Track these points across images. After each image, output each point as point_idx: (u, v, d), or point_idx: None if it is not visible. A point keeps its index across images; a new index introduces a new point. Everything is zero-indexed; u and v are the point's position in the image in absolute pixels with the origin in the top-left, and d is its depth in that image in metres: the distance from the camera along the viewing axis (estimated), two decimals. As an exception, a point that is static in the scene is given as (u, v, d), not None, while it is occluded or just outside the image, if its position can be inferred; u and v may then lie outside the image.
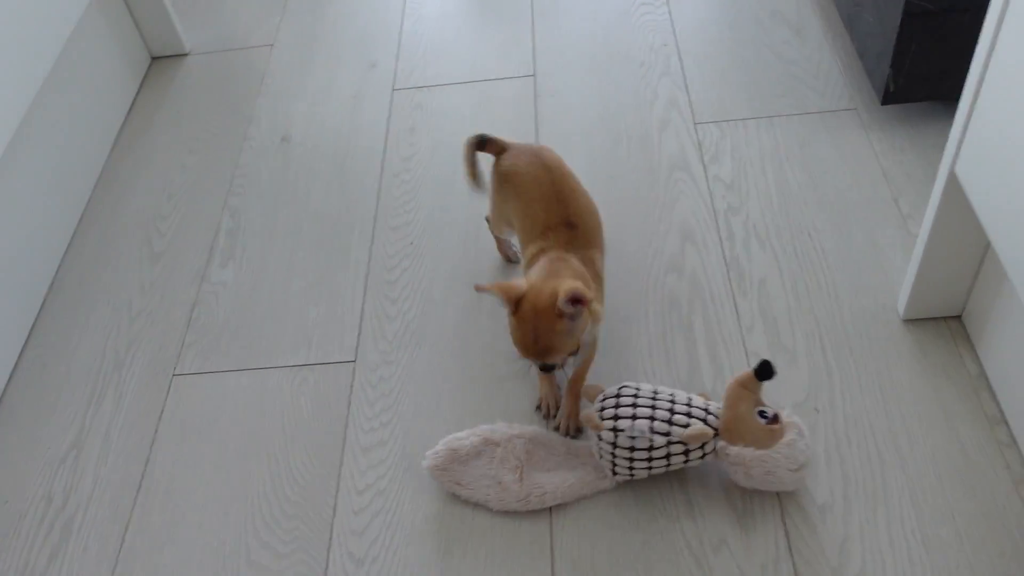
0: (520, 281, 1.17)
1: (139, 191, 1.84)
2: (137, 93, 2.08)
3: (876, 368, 1.36)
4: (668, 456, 1.20)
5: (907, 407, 1.31)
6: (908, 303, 1.40)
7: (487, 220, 1.53)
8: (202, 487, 1.34)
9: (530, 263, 1.25)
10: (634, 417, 1.19)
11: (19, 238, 1.59)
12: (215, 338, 1.54)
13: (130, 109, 2.04)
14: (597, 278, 1.26)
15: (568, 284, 1.12)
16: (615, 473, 1.23)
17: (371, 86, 2.01)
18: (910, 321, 1.41)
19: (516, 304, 1.15)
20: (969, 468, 1.23)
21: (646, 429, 1.18)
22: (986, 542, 1.16)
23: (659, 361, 1.40)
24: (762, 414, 1.20)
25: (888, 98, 1.65)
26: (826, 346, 1.39)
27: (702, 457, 1.21)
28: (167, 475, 1.36)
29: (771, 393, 1.29)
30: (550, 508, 1.25)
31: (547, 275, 1.17)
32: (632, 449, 1.19)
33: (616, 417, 1.20)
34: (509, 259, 1.57)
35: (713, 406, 1.23)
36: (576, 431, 1.32)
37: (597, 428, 1.22)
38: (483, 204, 1.70)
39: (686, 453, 1.20)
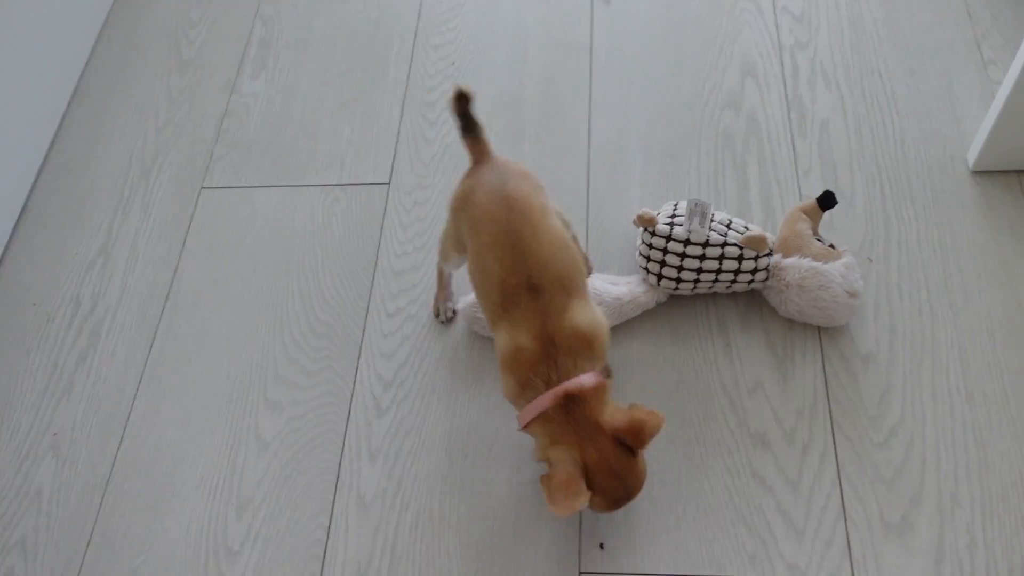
0: (570, 470, 0.93)
1: (166, -6, 1.73)
2: None
3: (937, 221, 1.28)
4: (720, 263, 1.15)
5: (966, 262, 1.24)
6: (980, 153, 1.30)
7: (439, 263, 1.22)
8: (230, 300, 1.32)
9: (510, 369, 0.98)
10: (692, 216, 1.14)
11: (41, 39, 1.52)
12: (245, 152, 1.48)
13: (157, -94, 1.90)
14: (591, 341, 0.99)
15: (634, 422, 0.94)
16: (660, 280, 1.19)
17: None
18: (979, 173, 1.32)
19: (588, 479, 0.94)
20: (1026, 328, 1.18)
21: (707, 220, 1.14)
22: (1034, 402, 1.12)
23: (710, 200, 1.33)
24: (819, 240, 1.15)
25: (986, -73, 1.49)
26: (886, 195, 1.31)
27: (751, 279, 1.16)
28: (195, 287, 1.34)
29: (825, 237, 1.22)
30: (584, 342, 1.22)
31: (580, 438, 0.94)
32: (686, 244, 1.14)
33: (674, 216, 1.16)
34: (439, 317, 1.27)
35: (769, 234, 1.18)
36: None
37: (651, 223, 1.16)
38: (533, 16, 1.59)
39: (739, 264, 1.15)
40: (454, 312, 1.26)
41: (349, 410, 1.21)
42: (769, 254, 1.16)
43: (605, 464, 0.94)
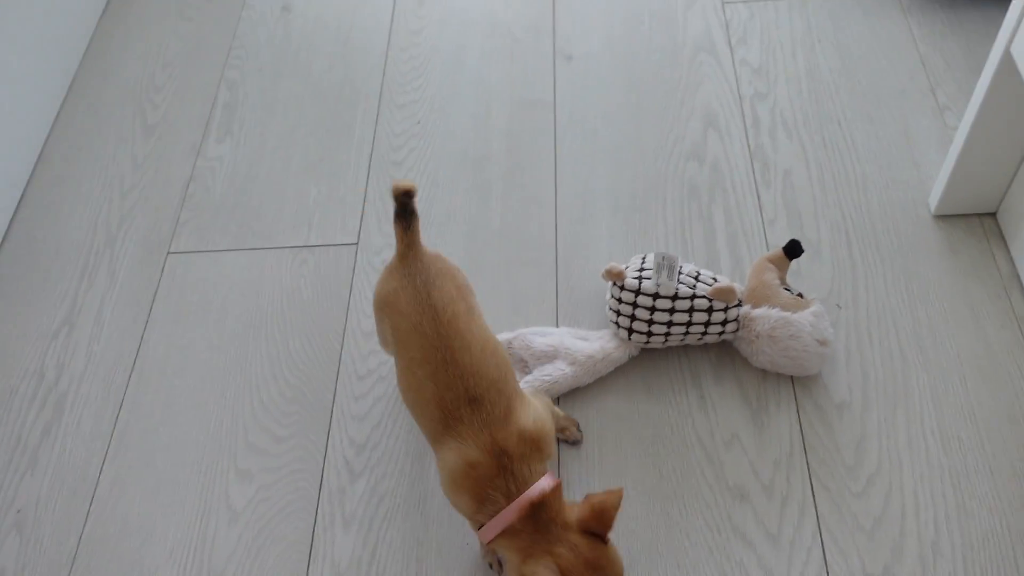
0: (543, 571, 0.89)
1: (131, 59, 1.73)
2: (128, -44, 1.95)
3: (903, 265, 1.30)
4: (690, 316, 1.15)
5: (933, 306, 1.25)
6: (941, 198, 1.32)
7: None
8: (198, 367, 1.30)
9: (464, 489, 0.94)
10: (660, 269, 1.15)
11: (4, 106, 1.51)
12: (211, 216, 1.47)
13: (120, -27, 1.91)
14: (539, 441, 0.95)
15: (595, 510, 0.90)
16: (631, 334, 1.18)
17: (377, -46, 1.88)
18: (941, 217, 1.34)
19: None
20: (995, 369, 1.18)
21: (675, 273, 1.14)
22: (1008, 444, 1.12)
23: (677, 252, 1.34)
24: (787, 290, 1.16)
25: (934, -22, 1.54)
26: (852, 240, 1.33)
27: (721, 331, 1.17)
28: (162, 354, 1.32)
29: (795, 286, 1.23)
30: (558, 399, 1.21)
31: (552, 546, 0.90)
32: (655, 298, 1.15)
33: (642, 270, 1.17)
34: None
35: (737, 285, 1.19)
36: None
37: (619, 277, 1.16)
38: (497, 74, 1.61)
39: (708, 316, 1.15)
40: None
41: (322, 476, 1.19)
42: (738, 305, 1.17)
43: (582, 562, 0.89)
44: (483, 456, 0.92)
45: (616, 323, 1.19)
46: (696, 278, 1.17)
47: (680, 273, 1.17)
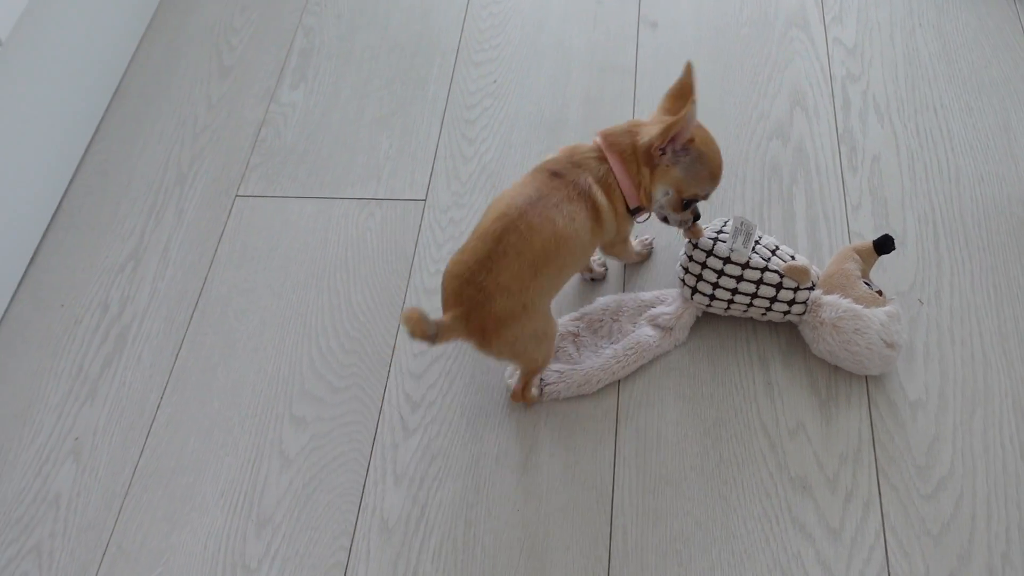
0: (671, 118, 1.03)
1: (211, 2, 1.72)
2: None
3: (992, 263, 1.24)
4: (757, 288, 1.12)
5: (1021, 309, 1.19)
6: (1039, 196, 1.25)
7: None
8: (259, 312, 1.30)
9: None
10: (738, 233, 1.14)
11: (83, 39, 1.51)
12: (281, 162, 1.47)
13: (205, -87, 1.90)
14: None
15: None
16: (694, 293, 1.15)
17: (463, -92, 1.84)
18: (1037, 217, 1.27)
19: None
20: (1085, 380, 1.12)
21: (751, 242, 1.12)
22: (1092, 460, 1.07)
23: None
24: (867, 285, 1.11)
25: (1050, -36, 1.45)
26: (939, 234, 1.27)
27: (787, 311, 1.13)
28: (224, 296, 1.32)
29: (875, 278, 1.18)
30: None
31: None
32: (725, 262, 1.12)
33: (720, 232, 1.14)
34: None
35: (814, 267, 1.15)
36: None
37: (696, 234, 1.15)
38: (578, 37, 1.56)
39: (776, 292, 1.12)
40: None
41: (376, 430, 1.18)
42: (811, 288, 1.12)
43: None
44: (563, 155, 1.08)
45: (683, 280, 1.17)
46: (774, 252, 1.13)
47: (757, 243, 1.13)
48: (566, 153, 1.07)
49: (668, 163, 1.03)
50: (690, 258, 1.15)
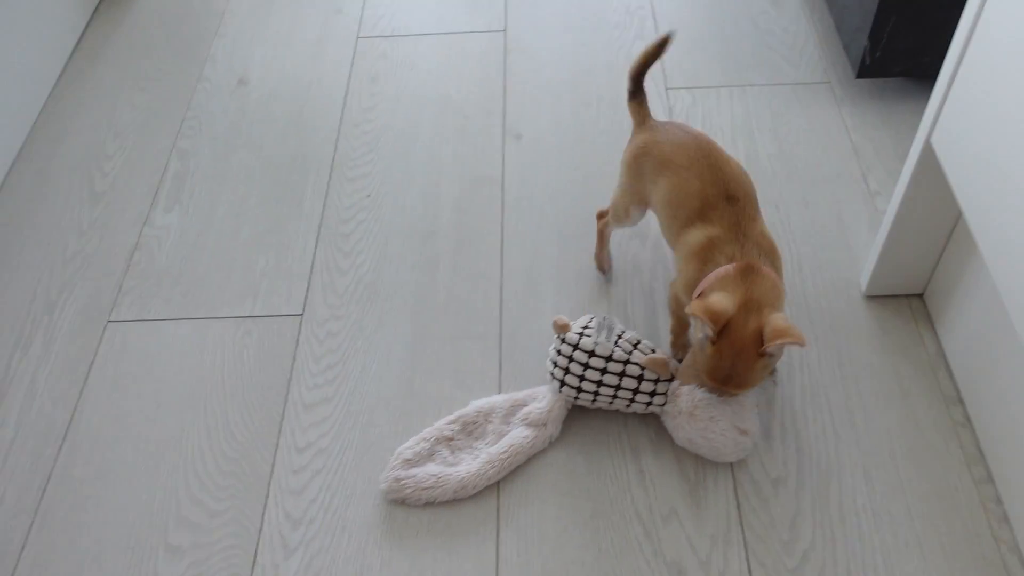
0: (724, 301, 1.02)
1: (83, 128, 1.74)
2: (86, 27, 1.98)
3: (836, 343, 1.33)
4: (620, 380, 1.18)
5: (864, 383, 1.28)
6: (871, 279, 1.37)
7: (599, 214, 1.38)
8: (132, 440, 1.28)
9: (696, 256, 1.10)
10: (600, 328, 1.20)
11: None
12: (155, 285, 1.47)
13: (77, 43, 1.94)
14: (773, 252, 1.12)
15: (778, 324, 1.01)
16: (562, 386, 1.21)
17: (335, 32, 1.93)
18: (872, 298, 1.39)
19: (720, 331, 1.02)
20: (923, 446, 1.21)
21: (613, 335, 1.19)
22: (935, 520, 1.14)
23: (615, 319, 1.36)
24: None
25: (863, 72, 1.62)
26: (789, 318, 1.36)
27: (649, 402, 1.19)
28: (95, 426, 1.29)
29: (730, 364, 1.26)
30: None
31: (745, 297, 1.03)
32: (590, 355, 1.18)
33: (586, 327, 1.20)
34: (603, 269, 1.42)
35: (673, 360, 1.22)
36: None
37: (564, 329, 1.20)
38: (447, 151, 1.64)
39: (638, 383, 1.18)
40: (610, 264, 1.42)
41: (256, 551, 1.16)
42: (669, 380, 1.19)
43: (736, 336, 1.01)
44: (726, 233, 1.09)
45: (552, 373, 1.22)
46: (635, 346, 1.20)
47: (619, 338, 1.19)
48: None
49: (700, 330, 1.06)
50: (558, 352, 1.21)
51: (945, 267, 1.30)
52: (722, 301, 1.02)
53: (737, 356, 1.03)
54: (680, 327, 1.28)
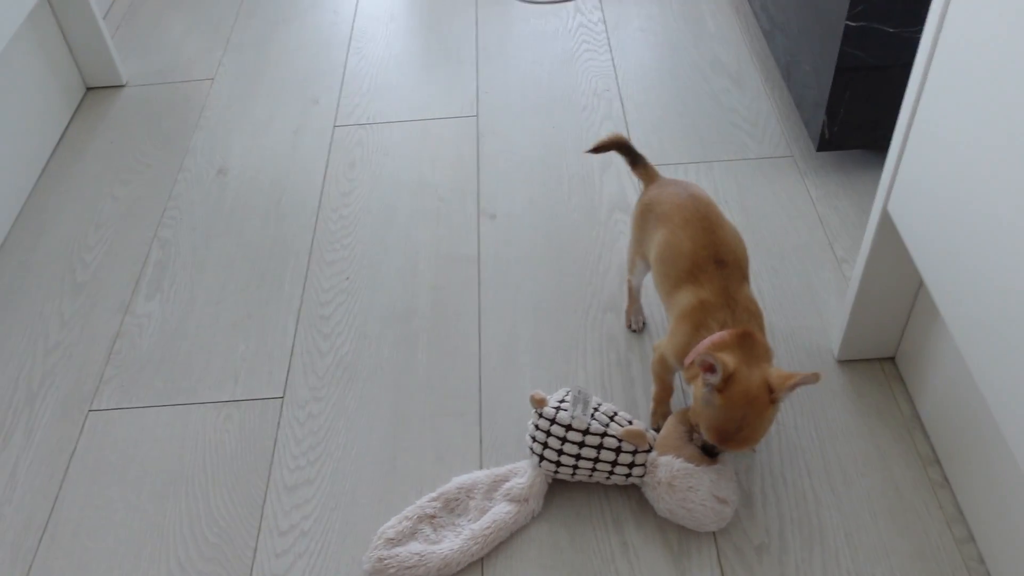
0: (726, 358, 1.05)
1: (65, 221, 1.77)
2: (69, 123, 2.03)
3: (811, 408, 1.35)
4: (598, 453, 1.19)
5: (842, 447, 1.30)
6: (842, 345, 1.40)
7: (628, 277, 1.42)
8: (113, 529, 1.27)
9: (687, 319, 1.14)
10: (576, 401, 1.22)
11: (-70, 264, 1.52)
12: (136, 373, 1.47)
13: (60, 139, 1.98)
14: (759, 316, 1.16)
15: (783, 371, 1.06)
16: (541, 460, 1.21)
17: (312, 122, 1.99)
18: (844, 362, 1.42)
19: (725, 383, 1.04)
20: (903, 507, 1.22)
21: (589, 409, 1.20)
22: (921, 583, 1.15)
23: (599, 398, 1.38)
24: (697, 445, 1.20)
25: (823, 145, 1.69)
26: (763, 386, 1.39)
27: (628, 473, 1.20)
28: (76, 516, 1.28)
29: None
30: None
31: (745, 358, 1.07)
32: (567, 429, 1.18)
33: (563, 401, 1.22)
34: (631, 326, 1.47)
35: (651, 431, 1.24)
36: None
37: (541, 403, 1.22)
38: (424, 232, 1.68)
39: (616, 455, 1.19)
40: (644, 323, 1.47)
41: (237, 640, 1.14)
42: (648, 451, 1.20)
43: (744, 386, 1.04)
44: (716, 298, 1.13)
45: (531, 448, 1.23)
46: (612, 418, 1.21)
47: (596, 411, 1.21)
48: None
49: (701, 381, 1.08)
50: (536, 427, 1.22)
51: (913, 330, 1.34)
52: (725, 355, 1.05)
53: (749, 405, 1.04)
54: (663, 392, 1.30)
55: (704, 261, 1.16)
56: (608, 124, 1.91)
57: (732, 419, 1.06)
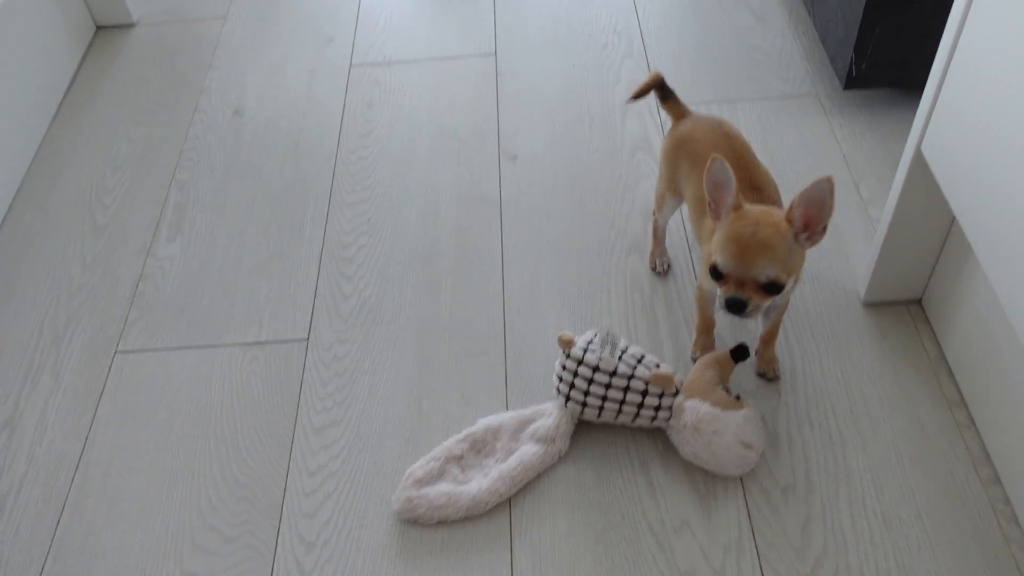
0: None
1: (82, 163, 1.76)
2: (80, 63, 2.00)
3: (837, 351, 1.35)
4: (624, 394, 1.19)
5: (868, 389, 1.30)
6: (868, 287, 1.39)
7: (654, 212, 1.43)
8: (144, 468, 1.28)
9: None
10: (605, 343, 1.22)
11: (-49, 207, 1.51)
12: (161, 315, 1.48)
13: (72, 80, 1.95)
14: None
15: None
16: (568, 400, 1.22)
17: (328, 61, 1.95)
18: (871, 305, 1.41)
19: (739, 205, 1.07)
20: (929, 449, 1.23)
21: (617, 351, 1.20)
22: (945, 522, 1.16)
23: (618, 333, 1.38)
24: (726, 391, 1.19)
25: (850, 83, 1.65)
26: (788, 329, 1.38)
27: (654, 416, 1.20)
28: (107, 456, 1.30)
29: (735, 372, 1.27)
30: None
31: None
32: (595, 370, 1.19)
33: (591, 343, 1.22)
34: (655, 268, 1.46)
35: (678, 374, 1.24)
36: (774, 375, 1.32)
37: (569, 344, 1.22)
38: (444, 174, 1.66)
39: (642, 398, 1.19)
40: (669, 265, 1.47)
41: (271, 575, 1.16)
42: (674, 394, 1.20)
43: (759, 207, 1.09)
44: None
45: (558, 388, 1.24)
46: (639, 361, 1.21)
47: (623, 352, 1.21)
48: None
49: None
50: (563, 367, 1.22)
51: (941, 272, 1.33)
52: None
53: (763, 214, 1.07)
54: (705, 324, 1.31)
55: (740, 186, 1.13)
56: (629, 62, 1.88)
57: (747, 224, 1.06)
